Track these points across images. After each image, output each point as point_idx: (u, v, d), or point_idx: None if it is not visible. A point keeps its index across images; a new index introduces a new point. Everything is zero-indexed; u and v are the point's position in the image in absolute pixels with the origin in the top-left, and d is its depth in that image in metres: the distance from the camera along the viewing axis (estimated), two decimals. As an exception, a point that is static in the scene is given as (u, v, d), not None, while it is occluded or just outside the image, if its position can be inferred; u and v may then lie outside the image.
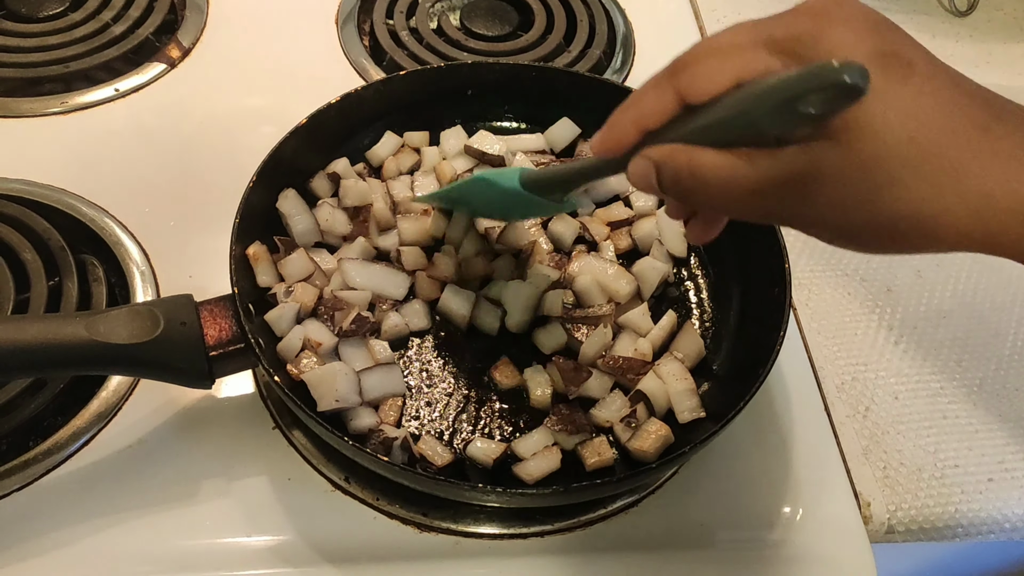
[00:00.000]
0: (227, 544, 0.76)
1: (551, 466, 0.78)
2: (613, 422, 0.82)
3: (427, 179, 0.95)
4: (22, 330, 0.68)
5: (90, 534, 0.75)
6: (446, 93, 0.99)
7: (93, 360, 0.71)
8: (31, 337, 0.68)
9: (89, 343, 0.69)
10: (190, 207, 0.98)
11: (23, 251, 0.88)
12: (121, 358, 0.71)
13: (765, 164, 0.52)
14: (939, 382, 0.95)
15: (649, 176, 0.57)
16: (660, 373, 0.84)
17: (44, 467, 0.78)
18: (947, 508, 0.87)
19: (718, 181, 0.54)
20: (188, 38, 1.16)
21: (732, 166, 0.53)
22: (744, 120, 0.52)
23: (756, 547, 0.81)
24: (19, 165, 0.99)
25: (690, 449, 0.73)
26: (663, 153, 0.56)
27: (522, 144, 0.98)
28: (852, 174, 0.51)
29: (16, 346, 0.68)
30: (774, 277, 0.84)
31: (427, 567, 0.77)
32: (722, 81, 0.53)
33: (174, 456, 0.80)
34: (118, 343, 0.70)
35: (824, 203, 0.52)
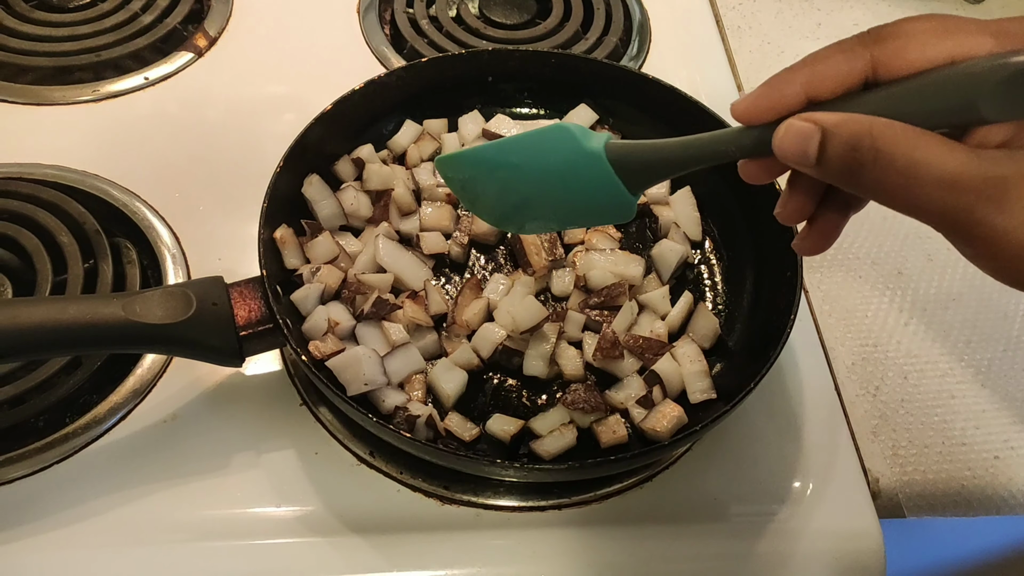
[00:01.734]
0: (256, 514, 0.79)
1: (567, 443, 0.81)
2: (628, 404, 0.84)
3: None
4: (62, 310, 0.71)
5: (126, 503, 0.78)
6: (466, 80, 1.01)
7: (129, 339, 0.74)
8: (70, 317, 0.71)
9: (126, 323, 0.72)
10: (218, 192, 1.01)
11: (60, 234, 0.91)
12: (156, 337, 0.74)
13: (965, 157, 0.47)
14: (948, 363, 0.97)
15: (809, 141, 0.50)
16: (676, 355, 0.86)
17: (83, 440, 0.81)
18: (954, 485, 0.89)
19: (907, 161, 0.47)
20: (214, 27, 1.19)
21: (930, 147, 0.47)
22: (954, 99, 0.48)
23: (767, 521, 0.84)
24: (53, 151, 1.02)
25: (701, 428, 0.76)
26: (836, 119, 0.49)
27: None
28: None
29: (57, 325, 0.71)
30: (786, 260, 0.86)
31: (449, 537, 0.80)
32: (935, 55, 0.49)
33: (206, 430, 0.83)
34: (153, 323, 0.73)
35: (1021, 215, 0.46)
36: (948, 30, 0.50)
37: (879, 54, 0.51)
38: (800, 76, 0.52)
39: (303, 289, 0.85)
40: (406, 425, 0.79)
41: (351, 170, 0.96)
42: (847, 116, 0.49)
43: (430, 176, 0.96)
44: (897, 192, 0.49)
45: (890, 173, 0.48)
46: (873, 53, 0.51)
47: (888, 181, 0.48)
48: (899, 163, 0.48)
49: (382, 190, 0.93)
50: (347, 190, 0.93)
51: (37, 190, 0.95)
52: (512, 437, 0.82)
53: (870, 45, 0.51)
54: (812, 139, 0.50)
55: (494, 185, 0.72)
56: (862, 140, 0.48)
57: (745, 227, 0.95)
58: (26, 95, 1.08)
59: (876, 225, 1.09)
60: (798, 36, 1.34)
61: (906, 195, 0.49)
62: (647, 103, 0.99)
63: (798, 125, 0.51)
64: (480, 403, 0.85)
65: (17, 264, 0.90)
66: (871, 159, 0.48)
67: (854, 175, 0.49)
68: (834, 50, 0.52)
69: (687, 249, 0.94)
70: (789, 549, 0.83)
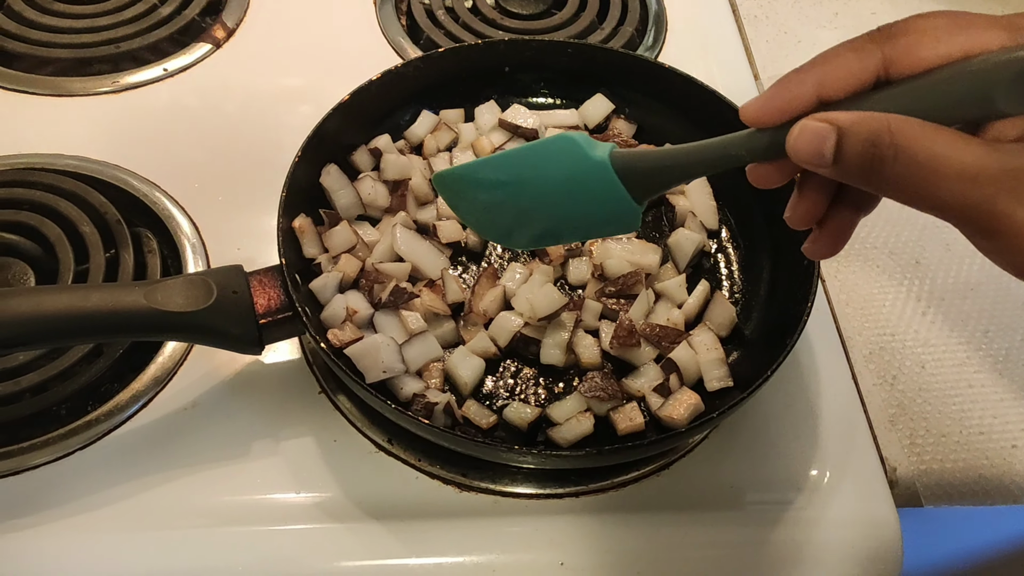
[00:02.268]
0: (275, 500, 0.80)
1: (584, 430, 0.82)
2: (645, 391, 0.85)
3: (465, 155, 0.98)
4: (85, 298, 0.72)
5: (147, 489, 0.79)
6: (483, 70, 1.02)
7: (151, 327, 0.75)
8: (93, 305, 0.72)
9: (147, 310, 0.73)
10: (236, 182, 1.02)
11: (81, 224, 0.92)
12: (177, 325, 0.75)
13: (982, 151, 0.47)
14: (965, 352, 0.97)
15: (825, 141, 0.50)
16: (692, 343, 0.86)
17: (105, 428, 0.82)
18: (972, 474, 0.89)
19: (927, 155, 0.47)
20: (232, 19, 1.19)
21: (949, 142, 0.47)
22: (970, 93, 0.48)
23: (784, 509, 0.84)
24: (74, 142, 1.03)
25: (718, 415, 0.76)
26: (853, 117, 0.49)
27: (556, 119, 1.01)
28: None
29: (80, 313, 0.72)
30: None
31: (466, 524, 0.80)
32: (948, 51, 0.49)
33: (225, 418, 0.84)
34: (174, 311, 0.74)
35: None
36: (960, 26, 0.50)
37: (891, 51, 0.51)
38: (811, 76, 0.52)
39: (321, 278, 0.86)
40: (424, 412, 0.79)
41: (368, 160, 0.96)
42: (864, 114, 0.49)
43: (447, 165, 0.97)
44: (918, 187, 0.48)
45: (911, 168, 0.48)
46: (885, 51, 0.51)
47: (909, 177, 0.48)
48: (919, 158, 0.47)
49: (399, 180, 0.94)
50: (365, 180, 0.93)
51: (59, 180, 0.96)
52: (529, 424, 0.82)
53: (881, 43, 0.51)
54: (828, 139, 0.50)
55: (494, 201, 0.70)
56: (881, 137, 0.48)
57: (762, 216, 0.95)
58: (47, 86, 1.09)
59: (894, 215, 1.08)
60: (815, 25, 1.33)
61: (927, 190, 0.48)
62: (663, 92, 1.00)
63: (813, 125, 0.50)
64: (497, 391, 0.86)
65: (40, 253, 0.91)
66: (891, 156, 0.48)
67: (874, 172, 0.49)
68: (845, 49, 0.52)
69: (703, 238, 0.94)
70: (806, 537, 0.83)
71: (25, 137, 1.03)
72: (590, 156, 0.61)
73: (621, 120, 1.02)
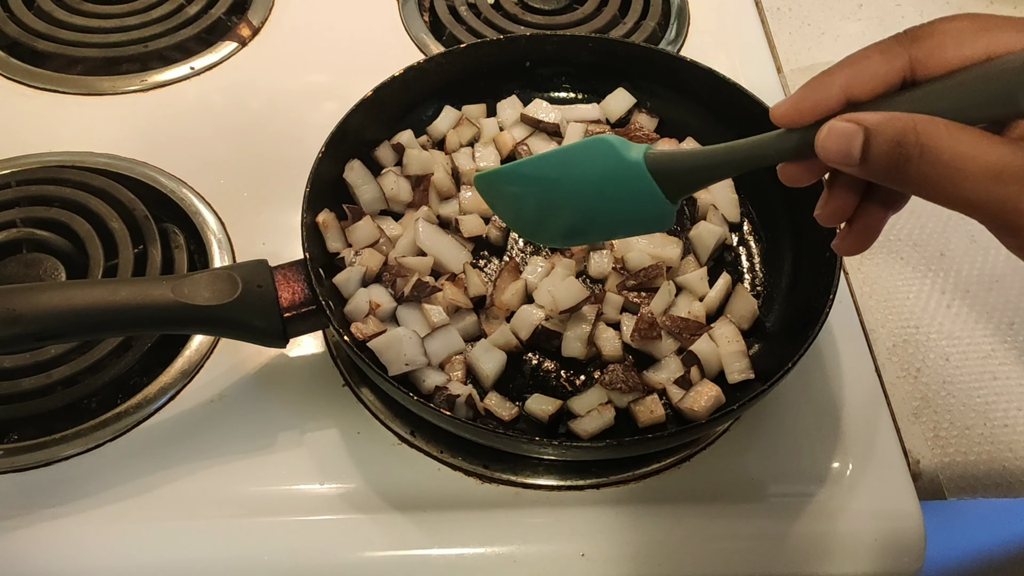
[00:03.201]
0: (300, 491, 0.81)
1: (605, 422, 0.82)
2: (666, 384, 0.85)
3: (487, 149, 0.99)
4: (114, 292, 0.74)
5: (175, 480, 0.81)
6: (505, 65, 1.02)
7: (178, 320, 0.76)
8: (123, 299, 0.74)
9: (174, 304, 0.75)
10: (261, 179, 1.03)
11: (111, 220, 0.94)
12: (203, 318, 0.77)
13: (1006, 149, 0.48)
14: (990, 344, 0.96)
15: (853, 141, 0.51)
16: (714, 336, 0.87)
17: (135, 420, 0.84)
18: (996, 466, 0.88)
19: (952, 154, 0.49)
20: (258, 17, 1.21)
21: (973, 141, 0.49)
22: (993, 93, 0.49)
23: (805, 501, 0.84)
24: (103, 140, 1.05)
25: (738, 407, 0.76)
26: (879, 118, 0.51)
27: (578, 114, 1.01)
28: None
29: (109, 306, 0.73)
30: (825, 240, 0.86)
31: (488, 515, 0.81)
32: (972, 53, 0.50)
33: (251, 410, 0.86)
34: (201, 304, 0.76)
35: None
36: (984, 28, 0.51)
37: (917, 53, 0.52)
38: (839, 78, 0.54)
39: (345, 272, 0.87)
40: (446, 404, 0.80)
41: (391, 156, 0.97)
42: (890, 115, 0.50)
43: (469, 160, 0.97)
44: (944, 185, 0.50)
45: (937, 167, 0.49)
46: (911, 52, 0.52)
47: (935, 175, 0.49)
48: (945, 156, 0.49)
49: (422, 175, 0.95)
50: (387, 175, 0.94)
51: (88, 177, 0.98)
52: (550, 417, 0.83)
53: (908, 45, 0.52)
54: (856, 139, 0.51)
55: (533, 200, 0.75)
56: (907, 136, 0.49)
57: (784, 208, 0.95)
58: (78, 86, 1.11)
59: (918, 207, 1.06)
60: (839, 17, 1.32)
61: (952, 188, 0.50)
62: (685, 86, 1.00)
63: (840, 126, 0.52)
64: (519, 384, 0.87)
65: (71, 249, 0.93)
66: (917, 154, 0.49)
67: (900, 171, 0.50)
68: (873, 51, 0.54)
69: (725, 231, 0.95)
70: (828, 530, 0.83)
71: (57, 135, 1.05)
72: (625, 157, 0.64)
73: (643, 114, 1.02)
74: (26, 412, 0.84)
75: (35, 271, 0.91)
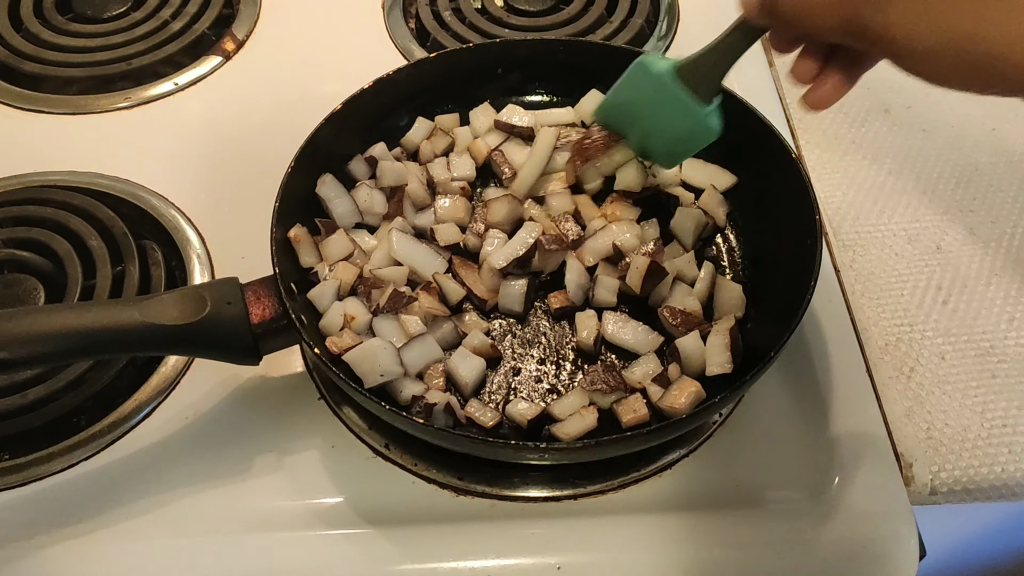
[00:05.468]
0: (273, 506, 0.81)
1: (587, 425, 0.81)
2: (645, 383, 0.83)
3: (462, 159, 0.98)
4: (79, 316, 0.73)
5: (146, 498, 0.81)
6: (476, 72, 1.01)
7: (147, 342, 0.75)
8: (89, 322, 0.73)
9: (142, 325, 0.74)
10: (242, 192, 1.03)
11: (90, 239, 0.95)
12: (172, 338, 0.75)
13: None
14: (989, 341, 0.93)
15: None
16: (709, 331, 0.85)
17: (108, 440, 0.84)
18: (993, 468, 0.85)
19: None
20: (242, 31, 1.21)
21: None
22: None
23: (794, 508, 0.81)
24: (90, 158, 1.06)
25: (720, 399, 0.74)
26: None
27: (551, 117, 1.00)
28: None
29: (76, 331, 0.72)
30: (806, 230, 0.84)
31: (463, 529, 0.80)
32: None
33: (227, 426, 0.85)
34: (169, 324, 0.74)
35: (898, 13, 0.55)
36: None
37: None
38: None
39: (319, 286, 0.86)
40: (423, 413, 0.79)
41: (365, 169, 0.97)
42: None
43: (444, 170, 0.97)
44: (803, 18, 0.62)
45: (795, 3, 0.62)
46: None
47: (795, 10, 0.62)
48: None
49: (396, 186, 0.94)
50: (361, 187, 0.94)
51: (70, 196, 0.99)
52: (529, 421, 0.81)
53: None
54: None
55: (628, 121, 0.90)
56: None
57: (764, 202, 0.94)
58: (65, 105, 1.13)
59: (914, 200, 1.04)
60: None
61: (809, 18, 0.62)
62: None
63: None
64: (499, 390, 0.85)
65: (50, 269, 0.94)
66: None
67: (776, 12, 0.64)
68: None
69: (701, 212, 0.94)
70: (817, 537, 0.80)
71: (41, 155, 1.06)
72: (653, 72, 0.81)
73: None
74: (2, 432, 0.84)
75: (14, 292, 0.91)
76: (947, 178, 1.07)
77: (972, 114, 1.13)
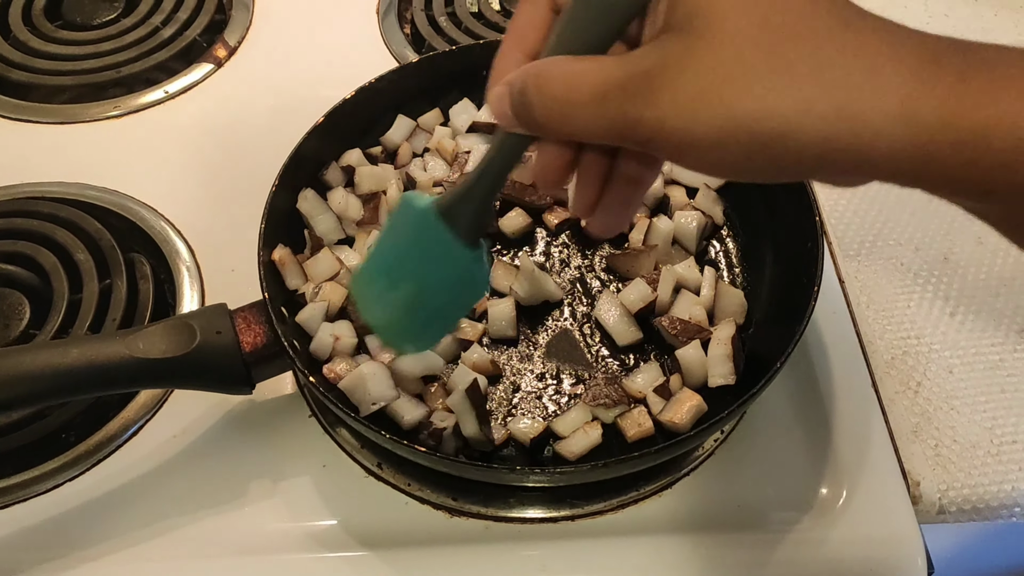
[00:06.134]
0: (265, 529, 0.78)
1: (592, 441, 0.78)
2: (646, 393, 0.81)
3: (435, 159, 0.96)
4: (64, 354, 0.70)
5: (134, 518, 0.79)
6: (459, 76, 0.99)
7: (135, 377, 0.72)
8: (72, 360, 0.69)
9: (130, 360, 0.71)
10: (232, 202, 1.01)
11: (77, 252, 0.93)
12: (161, 372, 0.73)
13: (612, 65, 0.47)
14: (998, 354, 0.90)
15: (503, 102, 0.51)
16: (710, 340, 0.83)
17: (95, 459, 0.82)
18: (1003, 486, 0.82)
19: (564, 88, 0.48)
20: (234, 37, 1.19)
21: (580, 71, 0.48)
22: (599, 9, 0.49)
23: (797, 528, 0.79)
24: (77, 169, 1.04)
25: (727, 414, 0.72)
26: (519, 72, 0.50)
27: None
28: (698, 63, 0.45)
29: (59, 370, 0.69)
30: (806, 232, 0.82)
31: (457, 551, 0.78)
32: None
33: (215, 446, 0.83)
34: (158, 357, 0.71)
35: (669, 103, 0.45)
36: None
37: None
38: (508, 43, 0.54)
39: (307, 309, 0.83)
40: (433, 439, 0.77)
41: (340, 177, 0.94)
42: (527, 65, 0.50)
43: (422, 171, 0.95)
44: (564, 122, 0.49)
45: (554, 105, 0.49)
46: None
47: (554, 114, 0.49)
48: (557, 93, 0.48)
49: (374, 192, 0.92)
50: (336, 192, 0.91)
51: (57, 208, 0.97)
52: (532, 440, 0.79)
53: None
54: (504, 99, 0.51)
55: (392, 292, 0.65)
56: (527, 83, 0.49)
57: (763, 206, 0.91)
58: (55, 115, 1.11)
59: (920, 208, 1.02)
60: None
61: (572, 122, 0.49)
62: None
63: (494, 91, 0.53)
64: (501, 407, 0.83)
65: (37, 283, 0.92)
66: (536, 98, 0.49)
67: (530, 119, 0.50)
68: (523, 2, 0.54)
69: (701, 214, 0.91)
70: (821, 558, 0.78)
71: (30, 166, 1.04)
72: (416, 207, 0.60)
73: None
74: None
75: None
76: (954, 186, 1.04)
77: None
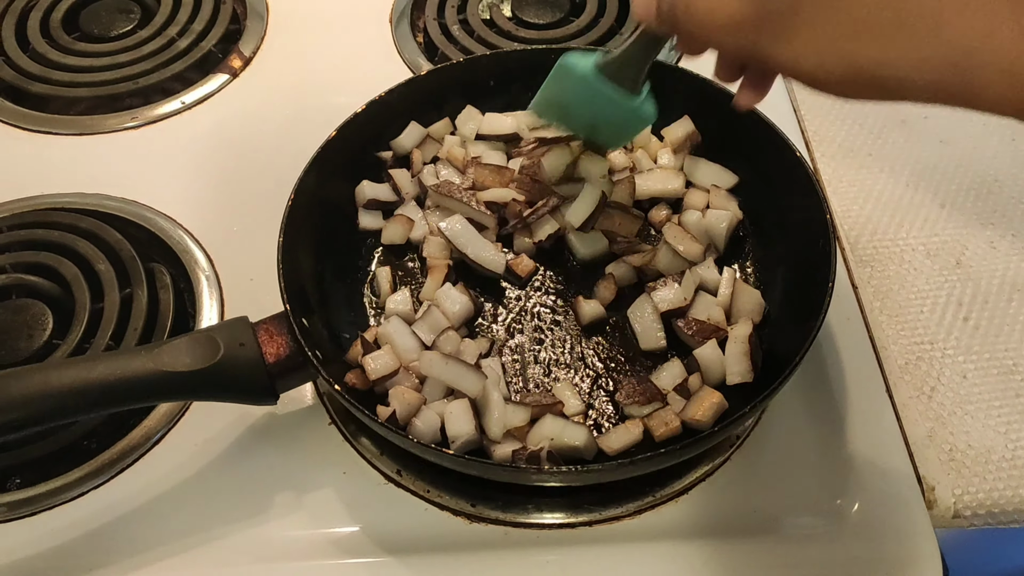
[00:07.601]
0: (287, 536, 0.79)
1: (633, 438, 0.80)
2: (668, 390, 0.83)
3: (447, 168, 0.98)
4: (90, 369, 0.71)
5: (156, 525, 0.80)
6: (470, 86, 1.00)
7: (161, 390, 0.74)
8: (99, 375, 0.71)
9: (156, 374, 0.72)
10: (251, 211, 1.02)
11: (97, 263, 0.94)
12: (187, 385, 0.74)
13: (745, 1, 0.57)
14: (1012, 359, 0.91)
15: (650, 7, 0.65)
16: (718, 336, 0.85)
17: (121, 465, 0.83)
18: (1019, 491, 0.83)
19: (705, 10, 0.59)
20: (249, 47, 1.20)
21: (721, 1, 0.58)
22: None
23: (814, 534, 0.80)
24: (96, 179, 1.05)
25: (749, 409, 0.73)
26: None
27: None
28: (830, 15, 0.53)
29: (86, 385, 0.70)
30: (817, 230, 0.83)
31: (476, 557, 0.79)
32: None
33: (236, 452, 0.84)
34: (183, 370, 0.72)
35: (800, 45, 0.55)
36: None
37: None
38: None
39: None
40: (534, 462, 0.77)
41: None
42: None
43: (433, 179, 0.97)
44: (703, 36, 0.62)
45: (696, 19, 0.60)
46: None
47: (696, 27, 0.61)
48: (700, 12, 0.60)
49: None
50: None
51: (77, 219, 0.98)
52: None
53: None
54: (651, 6, 0.65)
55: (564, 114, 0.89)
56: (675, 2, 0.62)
57: (773, 207, 0.93)
58: (73, 126, 1.12)
59: (933, 213, 1.02)
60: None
61: (709, 38, 0.62)
62: (668, 92, 0.94)
63: None
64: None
65: (59, 293, 0.93)
66: (683, 11, 0.61)
67: (676, 24, 0.63)
68: None
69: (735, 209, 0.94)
70: (837, 563, 0.79)
71: (50, 177, 1.06)
72: (576, 72, 0.82)
73: None
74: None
75: (23, 317, 0.90)
76: (966, 190, 1.05)
77: (991, 124, 1.11)
